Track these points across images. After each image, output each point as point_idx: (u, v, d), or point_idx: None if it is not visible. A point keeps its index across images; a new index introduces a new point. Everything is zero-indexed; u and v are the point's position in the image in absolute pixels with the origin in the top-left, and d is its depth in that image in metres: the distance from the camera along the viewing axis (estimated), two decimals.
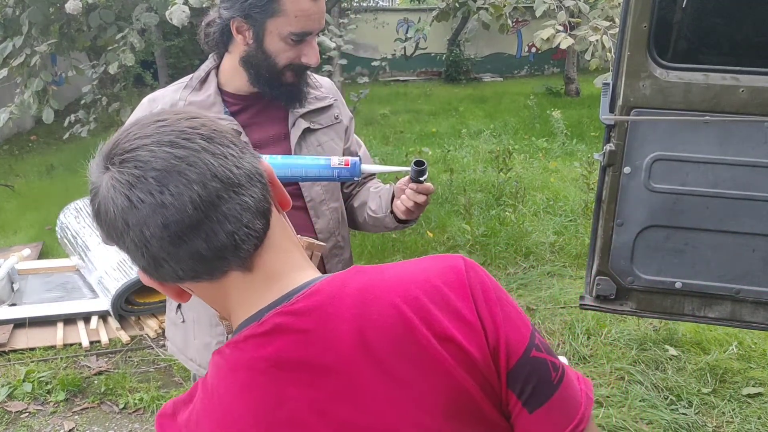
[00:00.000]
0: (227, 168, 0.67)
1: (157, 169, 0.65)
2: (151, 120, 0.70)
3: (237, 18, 1.41)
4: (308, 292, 0.71)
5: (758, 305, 2.18)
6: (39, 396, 3.08)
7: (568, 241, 4.81)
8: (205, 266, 0.69)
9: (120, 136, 0.69)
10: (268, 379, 0.69)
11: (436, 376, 0.69)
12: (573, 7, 4.34)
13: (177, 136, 0.67)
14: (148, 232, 0.65)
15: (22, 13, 4.73)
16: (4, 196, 6.55)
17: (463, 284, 0.73)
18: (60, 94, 5.36)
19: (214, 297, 0.75)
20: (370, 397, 0.69)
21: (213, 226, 0.66)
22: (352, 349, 0.69)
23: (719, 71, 2.03)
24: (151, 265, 0.69)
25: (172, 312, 1.67)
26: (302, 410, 0.69)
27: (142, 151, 0.66)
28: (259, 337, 0.70)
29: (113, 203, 0.66)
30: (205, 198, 0.65)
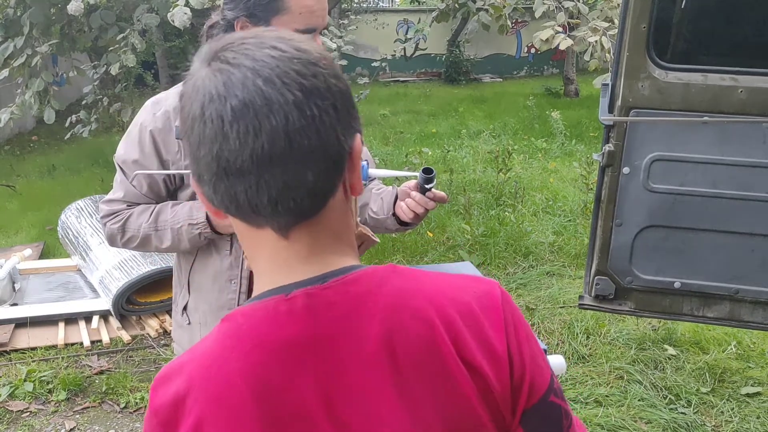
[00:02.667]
0: (306, 134, 0.62)
1: (238, 98, 0.61)
2: (271, 39, 0.65)
3: (241, 18, 1.43)
4: (344, 279, 0.68)
5: (757, 305, 2.19)
6: (40, 395, 3.09)
7: (567, 241, 4.82)
8: (239, 212, 0.66)
9: (234, 41, 0.65)
10: (281, 361, 0.65)
11: (452, 399, 0.67)
12: (572, 8, 4.35)
13: (279, 75, 0.62)
14: (204, 150, 0.63)
15: (24, 13, 4.74)
16: (5, 196, 6.55)
17: (498, 313, 0.71)
18: (61, 94, 5.37)
19: (247, 240, 0.71)
20: (376, 403, 0.66)
21: (259, 183, 0.63)
22: (375, 351, 0.66)
23: (718, 72, 2.05)
24: (196, 176, 0.66)
25: (178, 314, 1.67)
26: (310, 401, 0.65)
27: (237, 71, 0.62)
28: (282, 315, 0.66)
29: (196, 99, 0.63)
30: (265, 153, 0.61)
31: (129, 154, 1.55)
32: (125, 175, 1.56)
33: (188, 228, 1.51)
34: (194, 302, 1.62)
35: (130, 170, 1.55)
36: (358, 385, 0.66)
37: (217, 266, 1.56)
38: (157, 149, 1.52)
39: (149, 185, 1.56)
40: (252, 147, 0.61)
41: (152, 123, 1.52)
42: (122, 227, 1.57)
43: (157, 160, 1.53)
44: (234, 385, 0.65)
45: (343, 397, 0.66)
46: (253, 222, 0.67)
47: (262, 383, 0.65)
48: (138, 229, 1.56)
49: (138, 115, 1.57)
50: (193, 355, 0.69)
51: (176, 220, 1.52)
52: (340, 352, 0.66)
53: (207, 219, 1.50)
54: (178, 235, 1.52)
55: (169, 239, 1.53)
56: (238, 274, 1.55)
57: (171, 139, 1.51)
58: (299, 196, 0.64)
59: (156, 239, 1.55)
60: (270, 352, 0.65)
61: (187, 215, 1.51)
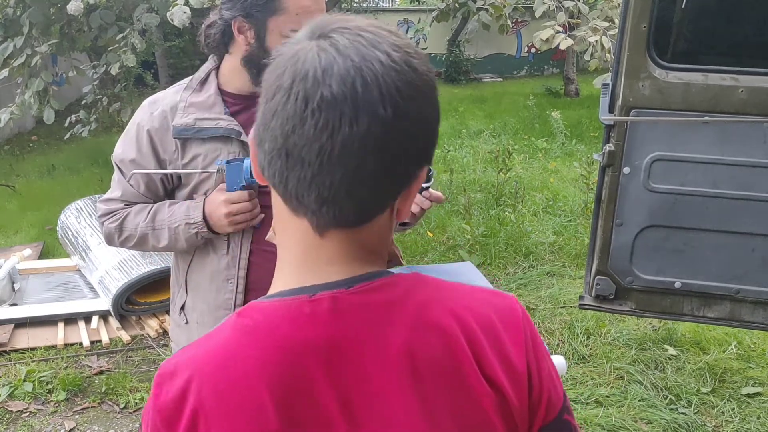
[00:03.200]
0: (380, 153, 0.60)
1: (331, 90, 0.58)
2: (388, 44, 0.61)
3: (238, 18, 1.42)
4: (370, 285, 0.66)
5: (757, 305, 2.19)
6: (40, 395, 3.08)
7: (568, 241, 4.82)
8: (284, 194, 0.64)
9: (350, 28, 0.62)
10: (302, 364, 0.64)
11: (471, 413, 0.67)
12: (572, 8, 4.35)
13: (379, 84, 0.58)
14: (276, 122, 0.60)
15: (23, 13, 4.73)
16: (5, 196, 6.55)
17: (519, 331, 0.71)
18: (60, 94, 5.37)
19: (282, 222, 0.68)
20: (396, 411, 0.65)
21: (314, 179, 0.60)
22: (397, 360, 0.65)
23: (718, 72, 2.04)
24: (257, 140, 0.64)
25: (176, 314, 1.67)
26: (329, 405, 0.64)
27: (342, 61, 0.59)
28: (305, 317, 0.64)
29: (289, 68, 0.60)
30: (333, 155, 0.59)
31: (126, 153, 1.55)
32: (123, 175, 1.56)
33: (185, 227, 1.51)
34: (192, 302, 1.62)
35: (127, 169, 1.55)
36: (378, 393, 0.65)
37: (215, 266, 1.56)
38: (155, 148, 1.52)
39: (146, 184, 1.56)
40: (322, 143, 0.59)
41: (149, 122, 1.52)
42: (119, 226, 1.57)
43: (155, 160, 1.53)
44: (251, 385, 0.63)
45: (363, 403, 0.65)
46: (293, 208, 0.65)
47: (282, 385, 0.63)
48: (135, 228, 1.55)
49: (135, 115, 1.57)
50: (202, 350, 0.66)
51: (173, 219, 1.52)
52: (362, 358, 0.65)
53: (204, 218, 1.49)
54: (175, 234, 1.52)
55: (166, 238, 1.53)
56: (235, 273, 1.54)
57: (168, 138, 1.51)
58: (347, 207, 0.62)
59: (153, 238, 1.55)
60: (291, 353, 0.64)
61: (184, 215, 1.51)
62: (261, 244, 1.55)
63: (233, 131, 1.50)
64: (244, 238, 1.54)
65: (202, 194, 1.53)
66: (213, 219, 1.49)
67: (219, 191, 1.49)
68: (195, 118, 1.50)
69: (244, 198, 1.46)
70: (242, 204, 1.46)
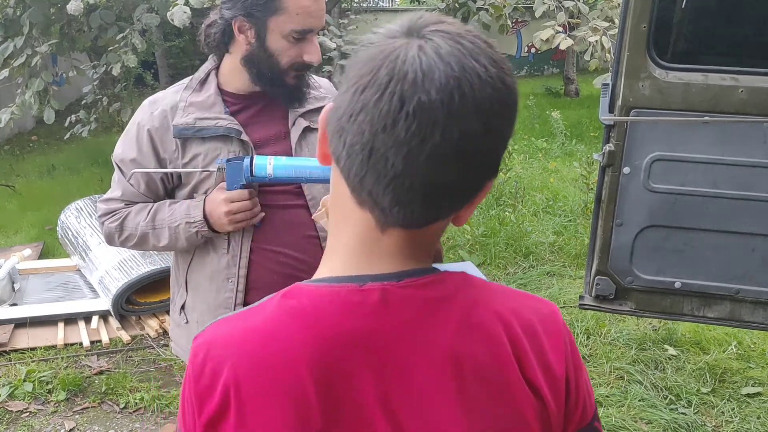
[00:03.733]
0: (465, 167, 0.61)
1: (429, 96, 0.57)
2: (486, 57, 0.60)
3: (239, 17, 1.43)
4: (420, 281, 0.66)
5: (757, 305, 2.19)
6: (40, 395, 3.08)
7: (568, 241, 4.82)
8: (355, 187, 0.63)
9: (449, 31, 0.61)
10: (346, 352, 0.64)
11: (511, 417, 0.67)
12: (572, 8, 4.35)
13: (476, 99, 0.59)
14: (364, 117, 0.59)
15: (23, 13, 4.73)
16: (5, 196, 6.55)
17: (560, 338, 0.72)
18: (61, 94, 5.38)
19: (343, 207, 0.67)
20: (436, 409, 0.65)
21: (393, 182, 0.60)
22: (441, 358, 0.65)
23: (718, 72, 2.04)
24: (336, 128, 0.62)
25: (176, 313, 1.67)
26: (369, 399, 0.64)
27: (443, 66, 0.58)
28: (353, 306, 0.64)
29: (386, 64, 0.58)
30: (419, 163, 0.59)
31: (127, 152, 1.55)
32: (123, 174, 1.57)
33: (185, 227, 1.51)
34: (192, 301, 1.62)
35: (127, 169, 1.55)
36: (419, 389, 0.65)
37: (215, 265, 1.56)
38: (155, 148, 1.52)
39: (147, 184, 1.56)
40: (411, 147, 0.58)
41: (150, 122, 1.52)
42: (120, 226, 1.57)
43: (155, 159, 1.53)
44: (293, 366, 0.63)
45: (404, 398, 0.65)
46: (360, 201, 0.64)
47: (324, 369, 0.63)
48: (135, 228, 1.56)
49: (135, 114, 1.57)
50: (242, 326, 0.67)
51: (173, 218, 1.52)
52: (406, 353, 0.65)
53: (204, 217, 1.50)
54: (175, 233, 1.52)
55: (167, 238, 1.53)
56: (236, 273, 1.54)
57: (168, 137, 1.51)
58: (418, 211, 0.63)
59: (153, 238, 1.55)
60: (335, 339, 0.64)
61: (184, 214, 1.51)
62: (261, 243, 1.55)
63: (233, 130, 1.50)
64: (245, 237, 1.54)
65: (202, 193, 1.54)
66: (213, 218, 1.49)
67: (219, 190, 1.49)
68: (195, 118, 1.50)
69: (244, 197, 1.46)
70: (242, 203, 1.46)
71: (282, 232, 1.56)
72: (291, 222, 1.57)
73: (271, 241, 1.55)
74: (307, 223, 1.58)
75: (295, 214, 1.58)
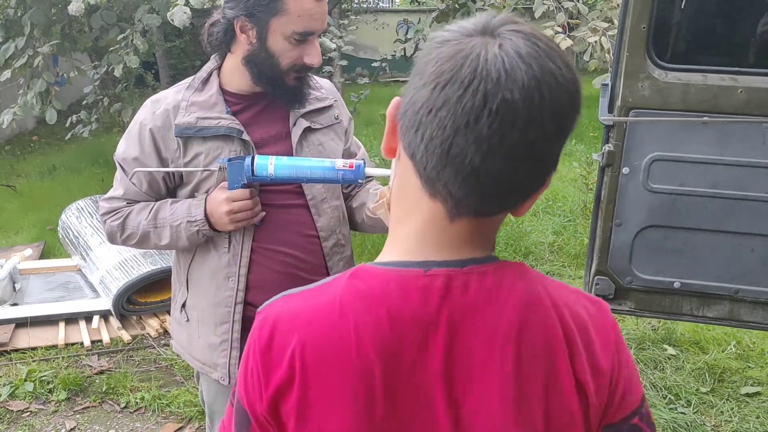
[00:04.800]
0: (537, 164, 0.64)
1: (512, 95, 0.59)
2: (559, 59, 0.63)
3: (241, 17, 1.43)
4: (482, 269, 0.68)
5: (756, 305, 2.19)
6: (40, 395, 3.09)
7: (567, 241, 4.82)
8: (432, 178, 0.65)
9: (524, 31, 0.63)
10: (412, 335, 0.66)
11: (559, 410, 0.69)
12: (572, 9, 4.36)
13: (552, 99, 0.61)
14: (446, 113, 0.61)
15: (24, 14, 4.74)
16: (5, 196, 6.56)
17: (608, 335, 0.74)
18: (61, 94, 5.37)
19: (409, 197, 0.69)
20: (491, 396, 0.67)
21: (469, 178, 0.63)
22: (502, 345, 0.67)
23: (718, 72, 2.05)
24: (411, 122, 0.64)
25: (177, 311, 1.68)
26: (430, 380, 0.66)
27: (524, 66, 0.60)
28: (419, 290, 0.66)
29: (468, 62, 0.60)
30: (497, 161, 0.61)
31: (129, 151, 1.56)
32: (125, 173, 1.57)
33: (187, 225, 1.52)
34: (192, 299, 1.63)
35: (130, 168, 1.56)
36: (480, 376, 0.67)
37: (215, 263, 1.57)
38: (157, 147, 1.53)
39: (149, 183, 1.57)
40: (492, 144, 0.61)
41: (152, 121, 1.53)
42: (122, 224, 1.58)
43: (157, 158, 1.54)
44: (359, 345, 0.66)
45: (465, 380, 0.67)
46: (432, 192, 0.66)
47: (389, 350, 0.66)
48: (137, 226, 1.56)
49: (138, 114, 1.58)
50: (309, 303, 0.69)
51: (175, 217, 1.53)
52: (468, 337, 0.67)
53: (205, 216, 1.50)
54: (176, 232, 1.53)
55: (168, 236, 1.54)
56: (236, 271, 1.55)
57: (170, 136, 1.52)
58: (490, 203, 0.66)
59: (155, 236, 1.56)
60: (401, 322, 0.66)
61: (185, 213, 1.52)
62: (262, 243, 1.56)
63: (234, 130, 1.51)
64: (245, 236, 1.55)
65: (203, 192, 1.54)
66: (214, 217, 1.50)
67: (220, 189, 1.49)
68: (197, 117, 1.51)
69: (245, 196, 1.47)
70: (244, 202, 1.47)
71: (282, 231, 1.57)
72: (291, 221, 1.58)
73: (272, 241, 1.56)
74: (308, 222, 1.59)
75: (295, 214, 1.58)
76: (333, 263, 1.63)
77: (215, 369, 1.60)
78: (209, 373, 1.62)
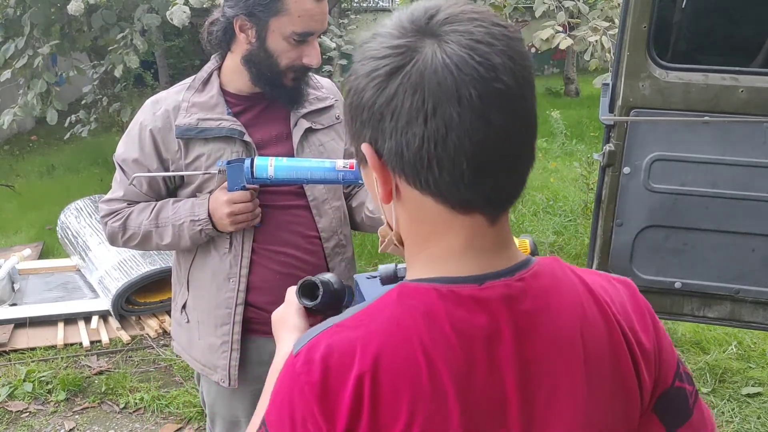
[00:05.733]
0: (532, 128, 0.64)
1: (504, 83, 0.59)
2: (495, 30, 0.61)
3: (240, 16, 1.42)
4: (530, 272, 0.68)
5: (757, 305, 2.19)
6: (39, 396, 3.08)
7: (568, 241, 4.82)
8: (463, 201, 0.64)
9: (459, 24, 0.61)
10: (479, 350, 0.64)
11: (622, 399, 0.70)
12: (572, 8, 4.35)
13: (520, 69, 0.61)
14: (455, 142, 0.60)
15: (24, 14, 4.73)
16: (4, 196, 6.55)
17: (645, 315, 0.75)
18: (61, 94, 5.37)
19: (429, 223, 0.67)
20: (564, 398, 0.67)
21: (505, 176, 0.63)
22: (570, 346, 0.67)
23: (719, 71, 2.04)
24: (413, 167, 0.62)
25: (177, 312, 1.67)
26: (507, 392, 0.65)
27: (496, 57, 0.59)
28: (479, 304, 0.64)
29: (435, 76, 0.59)
30: (515, 150, 0.63)
31: (129, 153, 1.55)
32: (125, 174, 1.56)
33: (189, 224, 1.51)
34: (193, 301, 1.62)
35: (129, 169, 1.55)
36: (553, 379, 0.67)
37: (216, 265, 1.56)
38: (157, 148, 1.52)
39: (149, 184, 1.56)
40: (509, 144, 0.62)
41: (152, 122, 1.52)
42: (123, 225, 1.57)
43: (157, 159, 1.53)
44: (433, 370, 0.63)
45: (538, 387, 0.66)
46: (465, 210, 0.65)
47: (464, 371, 0.64)
48: (139, 227, 1.56)
49: (138, 114, 1.57)
50: (366, 331, 0.64)
51: (177, 216, 1.52)
52: (537, 343, 0.66)
53: (208, 215, 1.50)
54: (179, 231, 1.52)
55: (170, 236, 1.53)
56: (237, 272, 1.55)
57: (170, 137, 1.51)
58: (518, 181, 0.66)
59: (157, 236, 1.55)
60: (468, 338, 0.64)
61: (188, 212, 1.51)
62: (263, 243, 1.56)
63: (235, 131, 1.50)
64: (246, 237, 1.54)
65: (206, 193, 1.53)
66: (215, 217, 1.49)
67: (222, 190, 1.49)
68: (198, 119, 1.50)
69: (246, 198, 1.47)
70: (244, 204, 1.47)
71: (284, 232, 1.56)
72: (293, 222, 1.57)
73: (273, 241, 1.55)
74: (309, 223, 1.58)
75: (296, 215, 1.58)
76: (334, 264, 1.63)
77: (215, 371, 1.60)
78: (209, 375, 1.62)
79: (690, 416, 0.78)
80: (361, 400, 0.61)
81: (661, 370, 0.75)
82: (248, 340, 1.58)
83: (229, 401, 1.63)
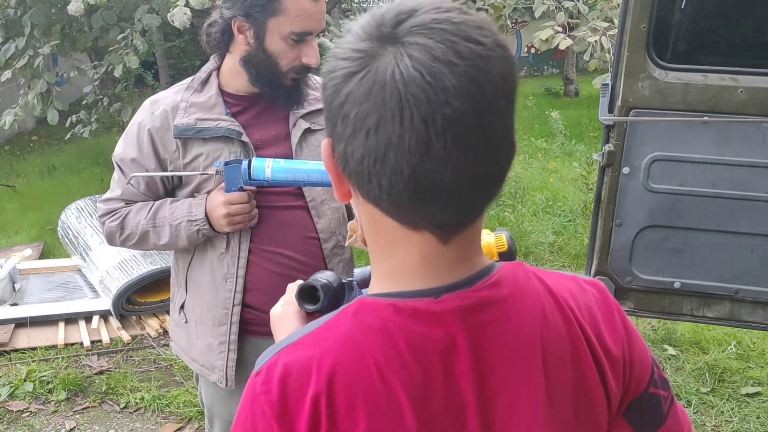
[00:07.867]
0: (501, 144, 0.60)
1: (452, 107, 0.55)
2: (472, 28, 0.57)
3: (238, 17, 1.43)
4: (489, 281, 0.66)
5: (757, 305, 2.19)
6: (40, 395, 3.09)
7: (567, 241, 4.82)
8: (407, 218, 0.61)
9: (420, 23, 0.56)
10: (436, 363, 0.63)
11: (587, 406, 0.69)
12: (572, 8, 4.35)
13: (488, 79, 0.56)
14: (398, 155, 0.56)
15: (24, 14, 4.74)
16: (5, 196, 6.56)
17: (614, 319, 0.73)
18: (61, 94, 5.38)
19: (391, 237, 0.64)
20: (525, 406, 0.66)
21: (451, 197, 0.58)
22: (530, 353, 0.66)
23: (718, 72, 2.05)
24: (359, 174, 0.59)
25: (176, 313, 1.68)
26: (468, 406, 0.64)
27: (446, 69, 0.54)
28: (434, 317, 0.63)
29: (384, 90, 0.55)
30: (470, 174, 0.58)
31: (127, 152, 1.55)
32: (123, 174, 1.57)
33: (187, 224, 1.51)
34: (191, 301, 1.62)
35: (128, 168, 1.55)
36: (513, 387, 0.66)
37: (214, 265, 1.56)
38: (155, 148, 1.53)
39: (147, 184, 1.56)
40: (454, 161, 0.56)
41: (150, 122, 1.52)
42: (120, 224, 1.57)
43: (155, 159, 1.53)
44: (387, 384, 0.62)
45: (498, 397, 0.65)
46: (410, 225, 0.62)
47: (415, 384, 0.63)
48: (136, 226, 1.56)
49: (136, 114, 1.57)
50: (321, 349, 0.63)
51: (175, 216, 1.52)
52: (496, 353, 0.65)
53: (205, 216, 1.50)
54: (176, 231, 1.53)
55: (167, 235, 1.53)
56: (234, 272, 1.55)
57: (169, 137, 1.52)
58: (473, 204, 0.62)
59: (154, 236, 1.55)
60: (423, 352, 0.63)
61: (186, 212, 1.52)
62: (260, 244, 1.56)
63: (234, 132, 1.50)
64: (243, 238, 1.54)
65: (204, 193, 1.54)
66: (212, 218, 1.49)
67: (219, 191, 1.49)
68: (196, 119, 1.50)
69: (243, 199, 1.47)
70: (241, 205, 1.47)
71: (281, 233, 1.56)
72: (291, 223, 1.57)
73: (271, 242, 1.56)
74: (307, 224, 1.58)
75: (295, 216, 1.58)
76: (333, 265, 1.63)
77: (213, 371, 1.60)
78: (207, 375, 1.62)
79: (664, 422, 0.76)
80: (319, 419, 0.61)
81: (632, 376, 0.73)
82: (245, 341, 1.58)
83: (227, 402, 1.63)
